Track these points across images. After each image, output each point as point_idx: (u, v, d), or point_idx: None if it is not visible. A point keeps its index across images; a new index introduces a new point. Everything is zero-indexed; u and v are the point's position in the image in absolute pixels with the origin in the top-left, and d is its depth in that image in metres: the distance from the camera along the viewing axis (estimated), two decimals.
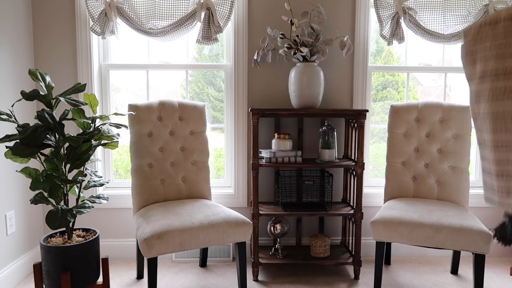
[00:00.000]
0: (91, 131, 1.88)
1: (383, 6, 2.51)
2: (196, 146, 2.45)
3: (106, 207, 2.67)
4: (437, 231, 2.01)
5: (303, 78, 2.36)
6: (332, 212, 2.38)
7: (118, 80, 2.76)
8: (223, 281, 2.38)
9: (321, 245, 2.46)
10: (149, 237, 1.86)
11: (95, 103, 1.99)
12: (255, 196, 2.33)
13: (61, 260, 1.78)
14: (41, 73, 1.86)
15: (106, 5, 2.40)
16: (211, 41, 2.47)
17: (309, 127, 2.69)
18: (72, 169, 1.90)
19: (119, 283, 2.36)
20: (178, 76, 2.80)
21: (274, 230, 2.51)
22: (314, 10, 2.50)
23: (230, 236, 2.03)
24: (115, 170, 2.83)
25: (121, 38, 2.61)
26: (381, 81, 2.85)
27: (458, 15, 2.52)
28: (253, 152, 2.31)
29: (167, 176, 2.37)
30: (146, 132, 2.35)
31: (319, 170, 2.65)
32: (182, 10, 2.46)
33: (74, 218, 1.85)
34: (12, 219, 2.30)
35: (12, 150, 1.69)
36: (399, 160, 2.49)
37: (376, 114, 2.86)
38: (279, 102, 2.66)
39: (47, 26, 2.54)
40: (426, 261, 2.72)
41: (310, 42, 2.36)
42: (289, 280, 2.39)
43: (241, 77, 2.61)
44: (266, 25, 2.60)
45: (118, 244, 2.71)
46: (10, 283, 2.27)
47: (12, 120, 1.78)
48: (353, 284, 2.35)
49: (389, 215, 2.14)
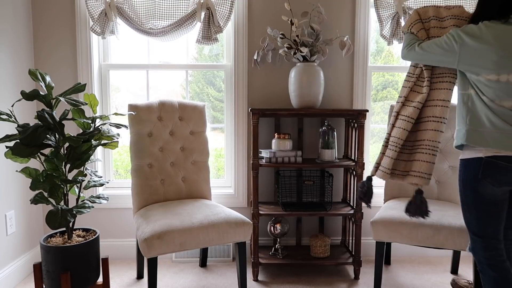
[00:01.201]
0: (91, 131, 1.87)
1: (383, 6, 2.51)
2: (196, 146, 2.45)
3: (106, 207, 2.67)
4: (437, 231, 2.01)
5: (303, 78, 2.36)
6: (332, 212, 2.38)
7: (118, 80, 2.76)
8: (223, 281, 2.38)
9: (321, 245, 2.46)
10: (149, 237, 1.86)
11: (95, 103, 1.99)
12: (255, 196, 2.33)
13: (61, 260, 1.78)
14: (41, 73, 1.86)
15: (106, 5, 2.40)
16: (211, 41, 2.47)
17: (309, 127, 2.69)
18: (72, 169, 1.89)
19: (119, 283, 2.36)
20: (178, 76, 2.80)
21: (274, 230, 2.51)
22: (314, 10, 2.50)
23: (230, 236, 2.03)
24: (115, 170, 2.83)
25: (121, 38, 2.60)
26: (381, 81, 2.85)
27: None
28: (253, 152, 2.31)
29: (167, 176, 2.37)
30: (146, 132, 2.35)
31: (319, 170, 2.65)
32: (182, 10, 2.46)
33: (74, 218, 1.85)
34: (12, 219, 2.30)
35: (12, 150, 1.69)
36: None
37: (376, 114, 2.86)
38: (279, 102, 2.66)
39: (47, 26, 2.54)
40: (426, 261, 2.72)
41: (310, 42, 2.36)
42: (289, 280, 2.39)
43: (241, 77, 2.61)
44: (266, 25, 2.60)
45: (118, 244, 2.71)
46: (10, 283, 2.27)
47: (12, 120, 1.78)
48: (353, 284, 2.35)
49: (389, 215, 2.14)
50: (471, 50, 1.49)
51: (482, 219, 1.60)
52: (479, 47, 1.47)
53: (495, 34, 1.44)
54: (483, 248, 1.63)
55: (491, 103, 1.48)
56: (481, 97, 1.50)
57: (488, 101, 1.48)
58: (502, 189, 1.54)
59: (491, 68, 1.45)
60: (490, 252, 1.61)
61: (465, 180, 1.60)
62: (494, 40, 1.44)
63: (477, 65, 1.49)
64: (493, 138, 1.47)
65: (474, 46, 1.48)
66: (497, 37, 1.43)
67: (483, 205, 1.58)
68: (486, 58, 1.45)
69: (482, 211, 1.59)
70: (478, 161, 1.53)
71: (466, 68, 1.53)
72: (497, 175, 1.50)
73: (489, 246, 1.62)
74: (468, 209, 1.64)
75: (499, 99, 1.46)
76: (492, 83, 1.46)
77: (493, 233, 1.61)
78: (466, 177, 1.60)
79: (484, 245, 1.62)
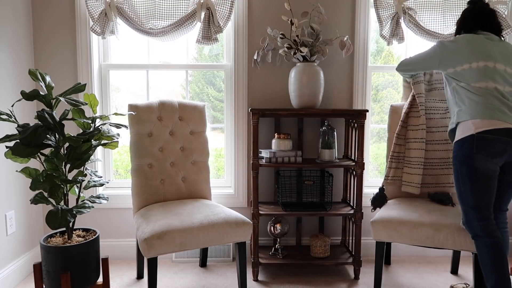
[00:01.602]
0: (91, 131, 1.87)
1: (383, 6, 2.51)
2: (196, 146, 2.45)
3: (106, 207, 2.67)
4: (437, 231, 2.01)
5: (303, 78, 2.36)
6: (332, 212, 2.38)
7: (118, 80, 2.76)
8: (223, 281, 2.39)
9: (321, 245, 2.46)
10: (149, 237, 1.86)
11: (95, 103, 1.99)
12: (255, 196, 2.33)
13: (61, 260, 1.78)
14: (41, 73, 1.86)
15: (106, 5, 2.40)
16: (211, 41, 2.47)
17: (309, 127, 2.69)
18: (72, 169, 1.90)
19: (119, 283, 2.36)
20: (178, 76, 2.80)
21: (274, 230, 2.51)
22: (314, 10, 2.50)
23: (230, 236, 2.03)
24: (115, 170, 2.83)
25: (121, 38, 2.60)
26: (381, 81, 2.85)
27: (458, 15, 2.52)
28: (253, 152, 2.31)
29: (167, 176, 2.37)
30: (146, 132, 2.35)
31: (319, 170, 2.65)
32: (182, 10, 2.46)
33: (74, 218, 1.85)
34: (12, 219, 2.30)
35: (12, 150, 1.69)
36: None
37: (376, 114, 2.86)
38: (279, 102, 2.66)
39: (47, 27, 2.54)
40: (426, 261, 2.72)
41: (310, 42, 2.36)
42: (289, 280, 2.39)
43: (241, 77, 2.61)
44: (266, 25, 2.60)
45: (118, 244, 2.71)
46: (10, 283, 2.27)
47: (12, 120, 1.78)
48: (353, 284, 2.35)
49: (389, 215, 2.14)
50: (449, 50, 1.97)
51: (477, 192, 1.83)
52: (455, 46, 1.95)
53: (467, 39, 1.95)
54: (477, 219, 1.84)
55: (468, 86, 1.88)
56: (460, 84, 1.92)
57: (466, 85, 1.89)
58: (494, 162, 1.80)
59: (464, 60, 1.91)
60: (483, 222, 1.83)
61: (461, 157, 1.85)
62: (466, 42, 1.94)
63: (454, 60, 1.94)
64: (475, 111, 1.83)
65: (452, 46, 1.96)
66: (468, 40, 1.94)
67: (478, 179, 1.82)
68: (460, 54, 1.93)
69: (477, 184, 1.82)
70: (470, 138, 1.81)
71: (446, 64, 1.97)
72: (488, 147, 1.78)
73: (482, 217, 1.83)
74: (463, 184, 1.86)
75: (474, 81, 1.87)
76: (465, 71, 1.90)
77: (485, 204, 1.83)
78: (462, 154, 1.85)
79: (478, 216, 1.84)
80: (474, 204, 1.84)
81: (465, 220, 1.89)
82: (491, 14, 2.00)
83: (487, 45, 1.91)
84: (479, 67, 1.87)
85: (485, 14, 2.00)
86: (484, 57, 1.88)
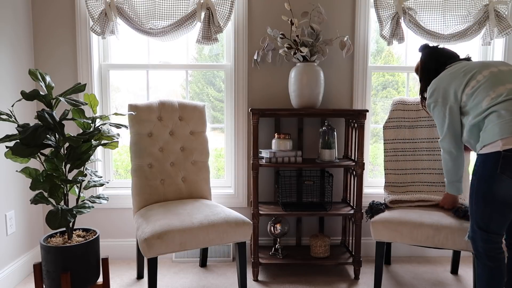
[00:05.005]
0: (91, 131, 1.87)
1: (383, 6, 2.51)
2: (196, 146, 2.45)
3: (106, 207, 2.67)
4: (437, 231, 2.01)
5: (303, 78, 2.36)
6: (332, 212, 2.38)
7: (118, 80, 2.76)
8: (223, 281, 2.39)
9: (321, 245, 2.46)
10: (149, 237, 1.86)
11: (95, 103, 1.99)
12: (255, 196, 2.33)
13: (61, 260, 1.78)
14: (41, 73, 1.86)
15: (106, 5, 2.40)
16: (211, 41, 2.47)
17: (309, 127, 2.69)
18: (72, 169, 1.90)
19: (119, 283, 2.36)
20: (178, 76, 2.80)
21: (274, 230, 2.51)
22: (314, 10, 2.49)
23: (230, 236, 2.03)
24: (115, 170, 2.83)
25: (121, 38, 2.60)
26: (381, 81, 2.85)
27: (458, 15, 2.52)
28: (253, 152, 2.31)
29: (167, 176, 2.37)
30: (146, 132, 2.35)
31: (319, 170, 2.65)
32: (182, 10, 2.46)
33: (74, 218, 1.85)
34: (12, 219, 2.30)
35: (12, 150, 1.69)
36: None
37: (376, 114, 2.86)
38: (279, 102, 2.66)
39: (47, 27, 2.54)
40: (426, 261, 2.72)
41: (310, 42, 2.36)
42: (289, 280, 2.39)
43: (241, 77, 2.61)
44: (266, 25, 2.60)
45: (118, 244, 2.71)
46: (10, 283, 2.27)
47: (12, 120, 1.78)
48: (353, 284, 2.35)
49: (389, 215, 2.14)
50: (444, 89, 1.83)
51: (489, 215, 1.65)
52: (445, 79, 1.84)
53: (448, 69, 1.88)
54: (483, 240, 1.69)
55: (488, 100, 1.67)
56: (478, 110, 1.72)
57: (486, 104, 1.67)
58: None
59: (465, 80, 1.76)
60: (489, 245, 1.68)
61: (482, 175, 1.65)
62: (450, 70, 1.86)
63: (457, 87, 1.78)
64: (504, 128, 1.60)
65: (442, 84, 1.84)
66: (450, 69, 1.87)
67: (495, 203, 1.63)
68: (457, 79, 1.79)
69: (492, 208, 1.64)
70: (496, 155, 1.59)
71: (455, 99, 1.80)
72: None
73: (489, 240, 1.68)
74: (476, 203, 1.69)
75: (492, 89, 1.67)
76: (476, 88, 1.72)
77: (496, 229, 1.66)
78: (483, 172, 1.65)
79: (485, 238, 1.68)
80: (483, 226, 1.68)
81: (471, 236, 1.76)
82: (445, 48, 2.00)
83: (470, 62, 1.83)
84: (486, 76, 1.70)
85: (442, 48, 2.01)
86: (481, 67, 1.75)
